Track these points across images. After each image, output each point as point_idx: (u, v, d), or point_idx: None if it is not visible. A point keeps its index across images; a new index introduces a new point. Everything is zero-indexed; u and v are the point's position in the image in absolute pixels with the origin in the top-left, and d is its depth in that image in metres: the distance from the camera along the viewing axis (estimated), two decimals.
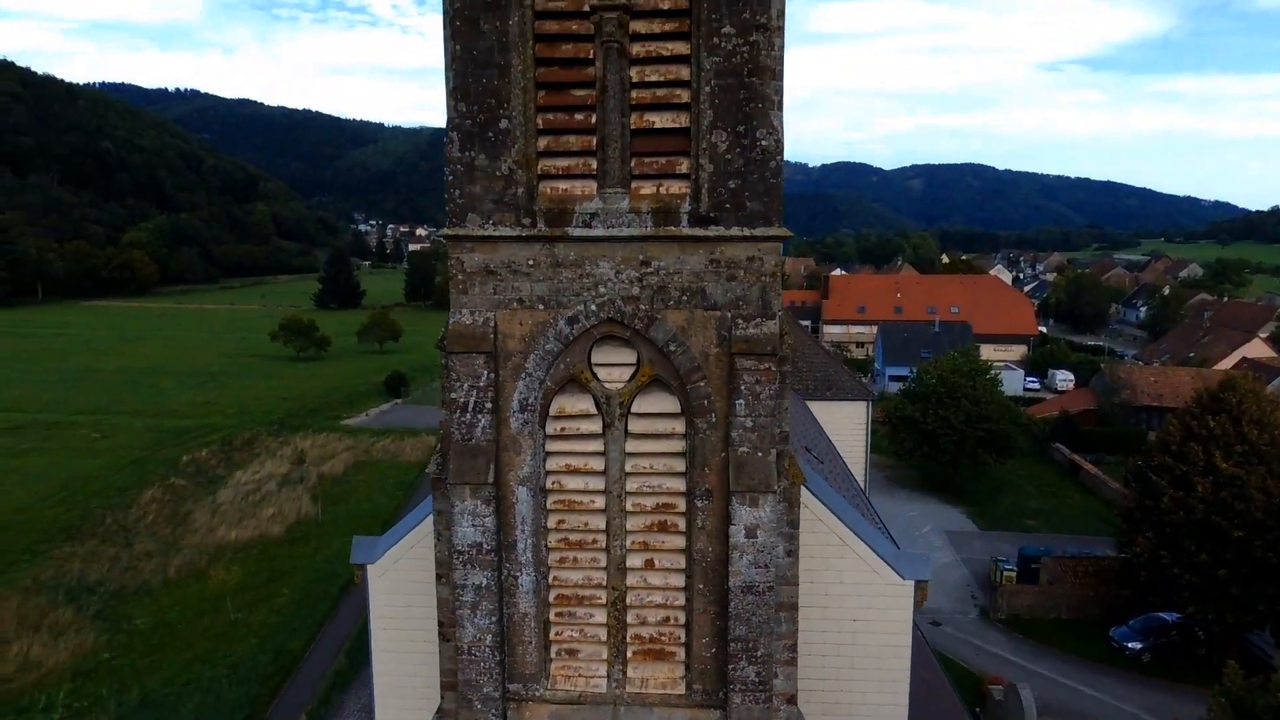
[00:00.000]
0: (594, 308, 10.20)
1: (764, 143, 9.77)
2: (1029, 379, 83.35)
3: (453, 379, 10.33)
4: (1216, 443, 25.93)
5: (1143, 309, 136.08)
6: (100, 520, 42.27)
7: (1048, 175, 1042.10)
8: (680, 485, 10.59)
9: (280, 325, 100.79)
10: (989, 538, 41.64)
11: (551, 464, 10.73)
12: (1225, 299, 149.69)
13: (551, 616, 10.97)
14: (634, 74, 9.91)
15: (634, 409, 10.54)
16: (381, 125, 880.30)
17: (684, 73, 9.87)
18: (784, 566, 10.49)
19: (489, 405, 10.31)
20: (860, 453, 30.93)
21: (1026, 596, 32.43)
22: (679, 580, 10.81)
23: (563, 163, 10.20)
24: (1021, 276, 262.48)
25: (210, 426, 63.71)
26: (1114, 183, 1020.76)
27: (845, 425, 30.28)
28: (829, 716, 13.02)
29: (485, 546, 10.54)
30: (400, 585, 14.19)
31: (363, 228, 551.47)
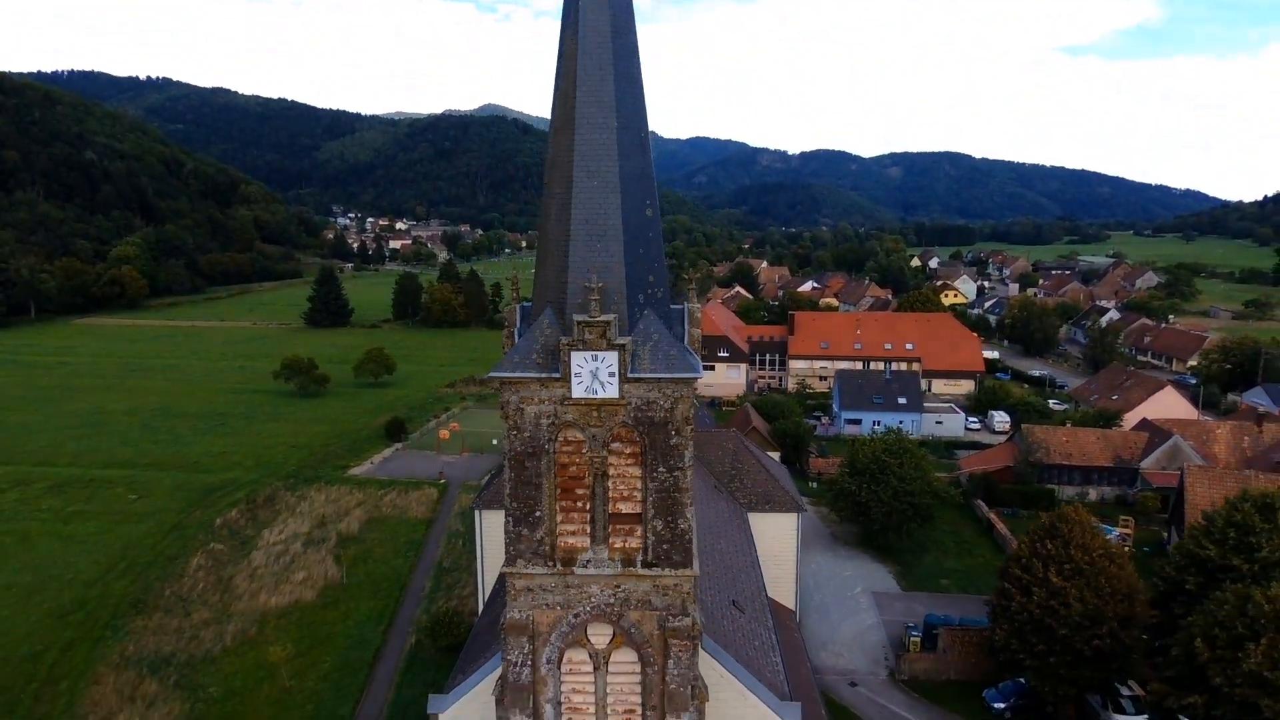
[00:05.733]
0: (588, 609, 18.14)
1: (681, 526, 17.74)
2: (970, 420, 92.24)
3: (509, 649, 18.23)
4: (1051, 560, 34.30)
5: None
6: (160, 592, 49.60)
7: (1023, 163, 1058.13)
8: (637, 703, 18.59)
9: (282, 364, 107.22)
10: (909, 598, 50.09)
11: (564, 688, 18.68)
12: (1165, 322, 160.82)
13: None
14: (610, 485, 17.81)
15: (611, 659, 18.52)
16: (359, 115, 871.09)
17: (637, 485, 17.79)
18: None
19: (528, 663, 18.23)
20: (791, 554, 39.03)
21: (925, 662, 40.84)
22: None
23: (571, 528, 18.10)
24: (987, 284, 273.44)
25: (233, 483, 70.80)
26: (1088, 171, 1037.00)
27: (779, 535, 38.40)
28: None
29: None
30: None
31: (341, 221, 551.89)
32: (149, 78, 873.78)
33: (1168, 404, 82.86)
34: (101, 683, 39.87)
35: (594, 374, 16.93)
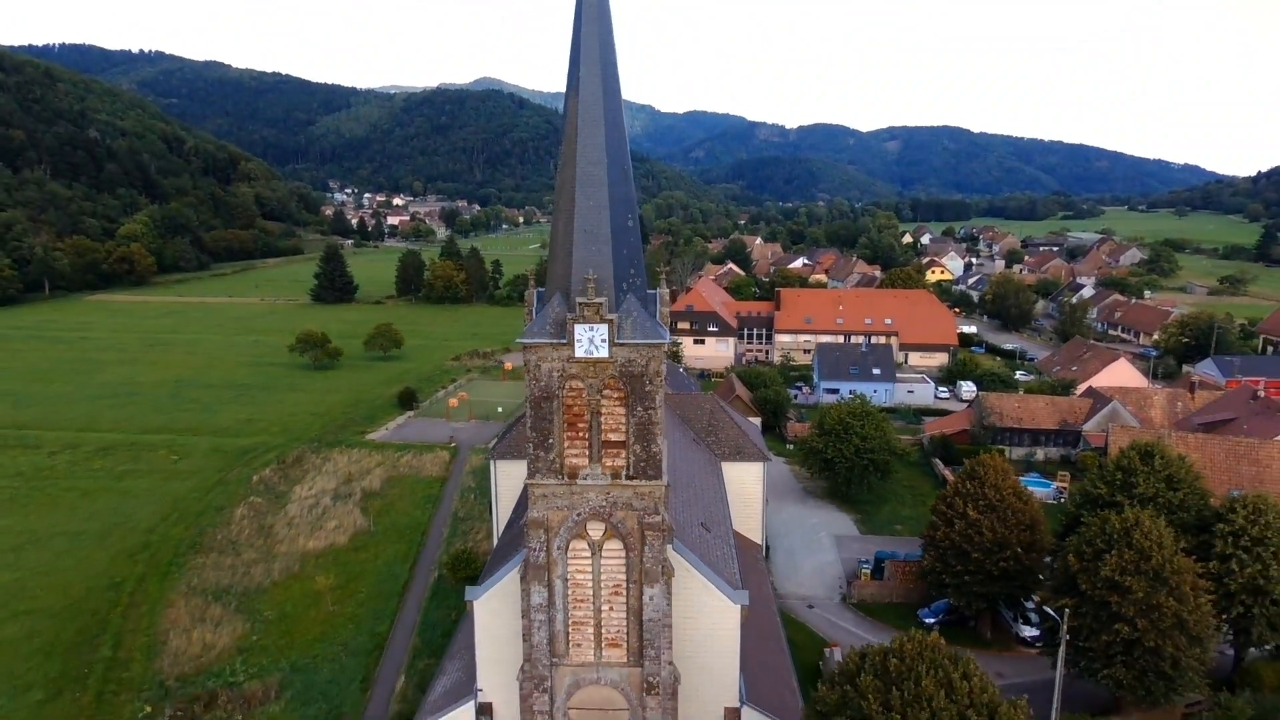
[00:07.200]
0: (587, 510, 25.13)
1: (654, 449, 24.67)
2: (940, 390, 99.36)
3: (530, 539, 25.25)
4: (970, 498, 41.36)
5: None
6: (213, 537, 56.76)
7: (1022, 138, 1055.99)
8: (623, 577, 25.65)
9: (297, 339, 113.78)
10: (865, 540, 57.43)
11: (570, 569, 25.72)
12: (1137, 297, 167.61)
13: (570, 630, 26.08)
14: (602, 419, 24.70)
15: (604, 547, 25.54)
16: (354, 90, 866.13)
17: (622, 420, 24.68)
18: (665, 609, 25.66)
19: (544, 548, 25.26)
20: (758, 497, 46.06)
21: (872, 588, 48.14)
22: (622, 614, 25.94)
23: (574, 451, 25.00)
24: (975, 261, 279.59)
25: (263, 446, 77.80)
26: (1086, 145, 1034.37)
27: (748, 481, 45.37)
28: (692, 674, 28.30)
29: (543, 604, 25.59)
30: (492, 611, 29.04)
31: (338, 197, 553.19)
32: (142, 51, 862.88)
33: (1121, 374, 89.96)
34: (174, 606, 47.13)
35: (591, 340, 23.73)
